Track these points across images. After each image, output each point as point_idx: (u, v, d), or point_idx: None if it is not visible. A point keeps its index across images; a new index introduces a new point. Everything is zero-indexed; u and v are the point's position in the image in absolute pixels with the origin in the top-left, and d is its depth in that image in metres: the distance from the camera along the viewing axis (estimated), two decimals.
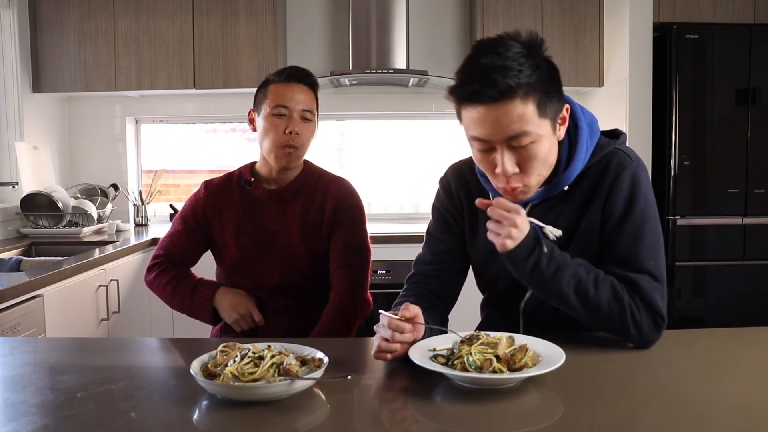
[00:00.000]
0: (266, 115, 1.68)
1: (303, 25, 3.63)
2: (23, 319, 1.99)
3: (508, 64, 1.12)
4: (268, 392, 0.98)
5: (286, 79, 1.70)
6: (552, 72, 1.19)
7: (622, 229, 1.23)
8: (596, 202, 1.26)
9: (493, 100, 1.12)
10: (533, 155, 1.17)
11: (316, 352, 1.11)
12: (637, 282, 1.21)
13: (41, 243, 3.03)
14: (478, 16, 3.34)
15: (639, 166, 1.26)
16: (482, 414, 0.94)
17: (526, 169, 1.18)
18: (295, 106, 1.67)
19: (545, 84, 1.16)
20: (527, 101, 1.13)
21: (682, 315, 3.10)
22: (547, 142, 1.18)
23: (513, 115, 1.12)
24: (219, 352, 1.07)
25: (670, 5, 3.13)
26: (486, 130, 1.15)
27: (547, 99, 1.16)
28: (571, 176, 1.25)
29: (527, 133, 1.14)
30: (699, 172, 3.07)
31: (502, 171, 1.17)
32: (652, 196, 1.27)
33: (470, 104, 1.15)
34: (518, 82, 1.11)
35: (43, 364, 1.22)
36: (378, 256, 3.20)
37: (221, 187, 1.79)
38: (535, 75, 1.13)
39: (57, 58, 3.31)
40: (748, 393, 1.01)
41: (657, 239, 1.25)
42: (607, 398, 1.01)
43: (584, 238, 1.27)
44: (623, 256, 1.23)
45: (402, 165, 3.84)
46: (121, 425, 0.92)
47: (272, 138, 1.67)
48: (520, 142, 1.14)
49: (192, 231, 1.77)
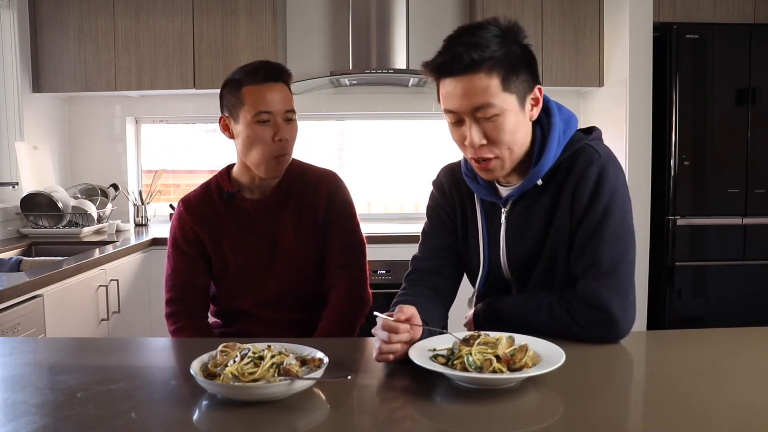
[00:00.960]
0: (248, 123, 1.57)
1: (303, 25, 3.63)
2: (23, 319, 1.99)
3: (476, 41, 1.21)
4: (268, 392, 0.98)
5: (263, 79, 1.58)
6: (525, 54, 1.26)
7: (585, 223, 1.27)
8: (565, 197, 1.29)
9: (458, 72, 1.21)
10: (499, 127, 1.23)
11: (316, 352, 1.10)
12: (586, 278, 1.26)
13: (41, 243, 3.03)
14: (478, 17, 3.34)
15: (608, 161, 1.28)
16: (482, 414, 0.94)
17: (493, 140, 1.25)
18: (278, 110, 1.58)
19: (512, 61, 1.22)
20: (491, 75, 1.20)
21: (682, 315, 3.10)
22: (513, 116, 1.24)
23: (477, 88, 1.20)
24: (219, 352, 1.07)
25: (670, 5, 3.13)
26: (454, 102, 1.23)
27: (513, 75, 1.23)
28: (543, 169, 1.29)
29: (491, 104, 1.21)
30: (699, 172, 3.07)
31: (470, 142, 1.25)
32: (621, 192, 1.28)
33: (442, 78, 1.25)
34: (482, 56, 1.19)
35: (43, 364, 1.22)
36: (378, 256, 3.21)
37: (202, 203, 1.70)
38: (500, 51, 1.21)
39: (57, 58, 3.31)
40: (748, 393, 1.01)
41: (618, 234, 1.26)
42: (607, 398, 1.01)
43: (557, 234, 1.31)
44: (582, 247, 1.28)
45: (402, 165, 3.84)
46: (121, 425, 0.92)
47: (261, 150, 1.58)
48: (485, 113, 1.22)
49: (191, 256, 1.69)
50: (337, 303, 1.65)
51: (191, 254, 1.68)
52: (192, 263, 1.69)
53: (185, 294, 1.68)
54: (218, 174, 1.73)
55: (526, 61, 1.26)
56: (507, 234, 1.37)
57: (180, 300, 1.68)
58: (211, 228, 1.67)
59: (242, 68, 1.63)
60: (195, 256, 1.69)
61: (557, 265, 1.32)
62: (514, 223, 1.36)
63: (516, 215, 1.35)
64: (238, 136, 1.61)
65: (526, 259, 1.35)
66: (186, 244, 1.68)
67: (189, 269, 1.68)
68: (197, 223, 1.67)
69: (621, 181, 1.29)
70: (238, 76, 1.60)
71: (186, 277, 1.68)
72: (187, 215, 1.68)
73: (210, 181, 1.73)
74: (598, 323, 1.24)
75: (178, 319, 1.67)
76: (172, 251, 1.70)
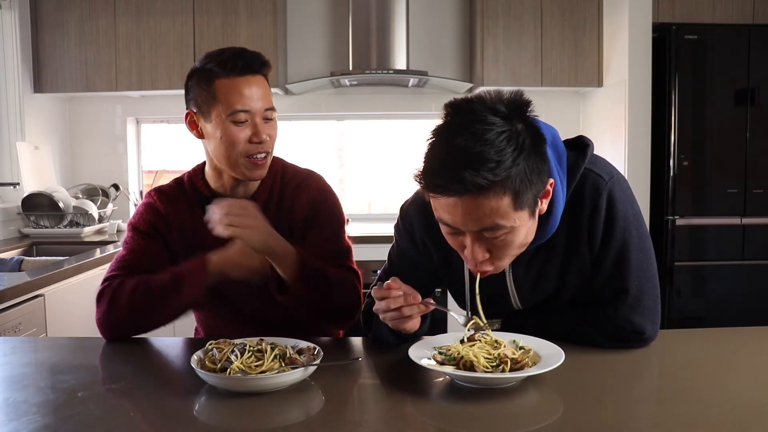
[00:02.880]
0: (221, 122, 1.36)
1: (303, 25, 3.64)
2: (24, 318, 2.00)
3: (485, 151, 0.98)
4: (284, 380, 1.01)
5: (240, 71, 1.35)
6: (535, 142, 1.04)
7: (606, 253, 1.20)
8: (581, 235, 1.21)
9: (461, 194, 1.01)
10: (506, 244, 1.08)
11: (305, 342, 1.14)
12: (614, 305, 1.21)
13: (42, 243, 3.03)
14: (478, 16, 3.35)
15: (613, 182, 1.19)
16: (482, 414, 0.95)
17: (498, 255, 1.09)
18: (257, 108, 1.37)
19: (525, 171, 1.02)
20: (502, 195, 1.01)
21: (681, 315, 3.10)
22: (523, 230, 1.08)
23: (484, 209, 1.01)
24: (214, 349, 1.08)
25: (669, 6, 3.13)
26: (455, 219, 1.05)
27: (527, 187, 1.03)
28: (552, 229, 1.18)
29: (500, 226, 1.04)
30: (698, 172, 3.08)
31: (470, 256, 1.08)
32: (633, 210, 1.22)
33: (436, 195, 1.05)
34: (493, 180, 0.98)
35: (44, 364, 1.23)
36: (378, 256, 3.20)
37: (176, 200, 1.48)
38: (515, 166, 1.00)
39: (58, 58, 3.31)
40: (747, 392, 1.01)
41: (642, 255, 1.22)
42: (607, 398, 1.02)
43: (578, 269, 1.23)
44: (606, 278, 1.22)
45: (402, 165, 3.84)
46: (121, 424, 0.93)
47: (237, 152, 1.37)
48: (493, 234, 1.05)
49: (154, 246, 1.44)
50: None
51: (155, 244, 1.44)
52: (155, 252, 1.43)
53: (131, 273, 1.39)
54: (192, 173, 1.51)
55: (536, 152, 1.04)
56: (516, 280, 1.26)
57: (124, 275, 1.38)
58: (183, 229, 1.46)
59: (213, 55, 1.39)
60: (159, 249, 1.44)
61: (577, 296, 1.26)
62: (525, 269, 1.24)
63: (527, 263, 1.23)
64: (209, 136, 1.40)
65: (542, 298, 1.27)
66: (155, 231, 1.45)
67: (151, 256, 1.42)
68: (171, 217, 1.46)
69: (629, 197, 1.22)
70: (209, 66, 1.37)
71: (145, 261, 1.40)
72: (162, 205, 1.46)
73: (183, 180, 1.51)
74: (629, 341, 1.23)
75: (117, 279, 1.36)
76: (134, 235, 1.45)
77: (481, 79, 3.34)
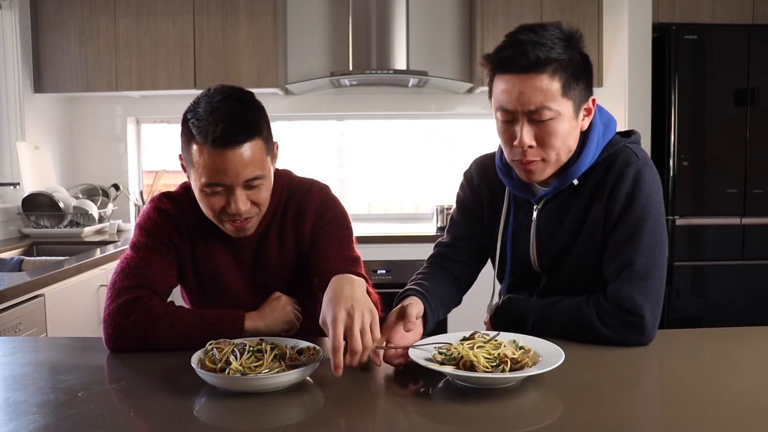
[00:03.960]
0: (197, 186, 1.27)
1: (303, 25, 3.64)
2: (24, 318, 2.00)
3: (542, 40, 1.19)
4: (284, 380, 1.01)
5: (218, 144, 1.20)
6: (585, 63, 1.25)
7: (621, 225, 1.26)
8: (601, 197, 1.29)
9: (522, 69, 1.19)
10: (552, 131, 1.22)
11: (305, 342, 1.14)
12: (618, 281, 1.25)
13: (42, 243, 3.03)
14: (478, 16, 3.35)
15: (645, 165, 1.28)
16: (482, 414, 0.95)
17: (544, 143, 1.23)
18: (235, 182, 1.24)
19: (574, 68, 1.22)
20: (554, 78, 1.19)
21: (681, 315, 3.11)
22: (567, 122, 1.23)
23: (538, 88, 1.19)
24: (214, 349, 1.08)
25: (669, 6, 3.13)
26: (511, 100, 1.21)
27: (574, 82, 1.22)
28: (579, 170, 1.29)
29: (549, 108, 1.19)
30: (698, 172, 3.08)
31: (519, 142, 1.22)
32: (658, 197, 1.28)
33: (501, 74, 1.22)
34: (548, 56, 1.18)
35: (44, 364, 1.23)
36: (378, 256, 3.21)
37: (185, 208, 1.41)
38: (565, 55, 1.20)
39: (58, 58, 3.31)
40: (747, 392, 1.01)
41: (655, 238, 1.26)
42: (607, 398, 1.02)
43: (591, 231, 1.30)
44: (616, 249, 1.27)
45: (402, 165, 3.84)
46: (121, 424, 0.93)
47: (214, 217, 1.30)
48: (541, 116, 1.20)
49: (168, 258, 1.38)
50: None
51: (168, 251, 1.38)
52: (169, 262, 1.38)
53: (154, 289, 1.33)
54: None
55: (585, 70, 1.25)
56: (538, 230, 1.36)
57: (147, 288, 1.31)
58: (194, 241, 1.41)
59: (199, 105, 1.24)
60: (172, 257, 1.39)
61: (585, 263, 1.32)
62: (546, 220, 1.35)
63: (548, 212, 1.35)
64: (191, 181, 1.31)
65: (556, 255, 1.35)
66: (168, 240, 1.39)
67: (165, 268, 1.36)
68: (183, 227, 1.40)
69: (657, 185, 1.29)
70: (191, 123, 1.24)
71: (160, 272, 1.34)
72: (175, 211, 1.41)
73: (189, 189, 1.40)
74: (628, 326, 1.23)
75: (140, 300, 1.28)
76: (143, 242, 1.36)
77: (481, 79, 3.34)
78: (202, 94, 1.28)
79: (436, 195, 3.73)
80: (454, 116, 3.77)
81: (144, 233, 1.38)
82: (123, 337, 1.25)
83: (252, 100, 1.30)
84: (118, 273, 1.33)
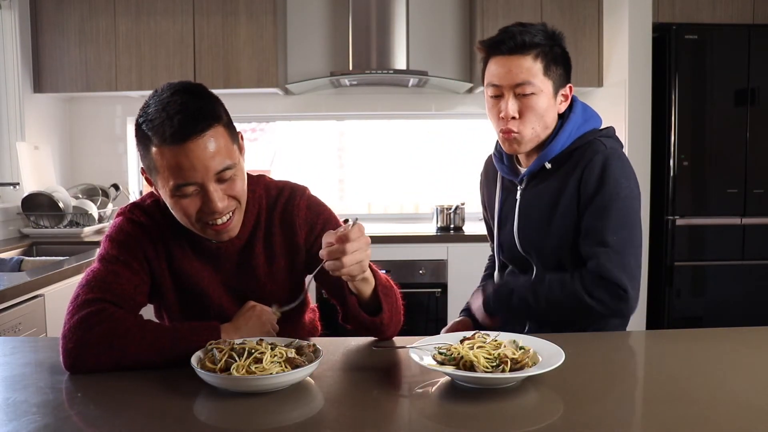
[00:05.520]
0: (167, 194, 1.19)
1: (303, 25, 3.64)
2: (24, 318, 2.00)
3: (528, 29, 1.42)
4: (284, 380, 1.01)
5: (178, 138, 1.12)
6: (564, 55, 1.47)
7: (592, 207, 1.39)
8: (573, 182, 1.43)
9: (510, 51, 1.41)
10: (532, 105, 1.42)
11: (304, 341, 1.14)
12: (596, 257, 1.36)
13: (42, 243, 3.03)
14: (478, 16, 3.35)
15: (612, 154, 1.42)
16: (482, 414, 0.95)
17: (524, 116, 1.43)
18: (205, 177, 1.16)
19: (554, 55, 1.44)
20: (536, 60, 1.41)
21: (681, 315, 3.11)
22: (545, 99, 1.43)
23: (523, 67, 1.41)
24: (214, 349, 1.08)
25: (669, 6, 3.13)
26: (500, 76, 1.43)
27: (554, 66, 1.44)
28: (551, 152, 1.46)
29: (531, 83, 1.41)
30: (698, 172, 3.08)
31: (505, 113, 1.43)
32: (627, 182, 1.40)
33: (493, 56, 1.45)
34: (532, 41, 1.41)
35: (44, 364, 1.22)
36: (378, 256, 3.19)
37: (160, 221, 1.31)
38: (547, 44, 1.42)
39: (58, 58, 3.31)
40: (747, 392, 1.01)
41: (624, 219, 1.38)
42: (607, 398, 1.02)
43: (563, 214, 1.43)
44: (589, 229, 1.39)
45: (402, 165, 3.84)
46: (121, 424, 0.93)
47: (190, 221, 1.21)
48: (523, 89, 1.41)
49: (141, 275, 1.28)
50: None
51: (141, 268, 1.28)
52: (140, 279, 1.28)
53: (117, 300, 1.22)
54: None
55: (564, 60, 1.47)
56: (519, 211, 1.52)
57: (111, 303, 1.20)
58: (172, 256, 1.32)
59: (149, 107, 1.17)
60: (144, 274, 1.29)
61: (564, 247, 1.44)
62: (527, 201, 1.50)
63: (528, 194, 1.51)
64: (163, 200, 1.24)
65: (533, 237, 1.48)
66: (141, 256, 1.29)
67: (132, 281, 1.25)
68: (156, 239, 1.31)
69: (626, 172, 1.43)
70: (144, 127, 1.15)
71: (128, 288, 1.24)
72: (150, 223, 1.31)
73: (159, 202, 1.32)
74: (609, 294, 1.34)
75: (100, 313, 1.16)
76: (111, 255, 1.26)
77: (481, 79, 3.32)
78: (150, 96, 1.20)
79: (436, 195, 3.72)
80: (454, 116, 3.77)
81: (114, 245, 1.28)
82: (85, 354, 1.12)
83: (204, 91, 1.23)
84: (82, 286, 1.22)
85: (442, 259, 3.08)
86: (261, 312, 1.27)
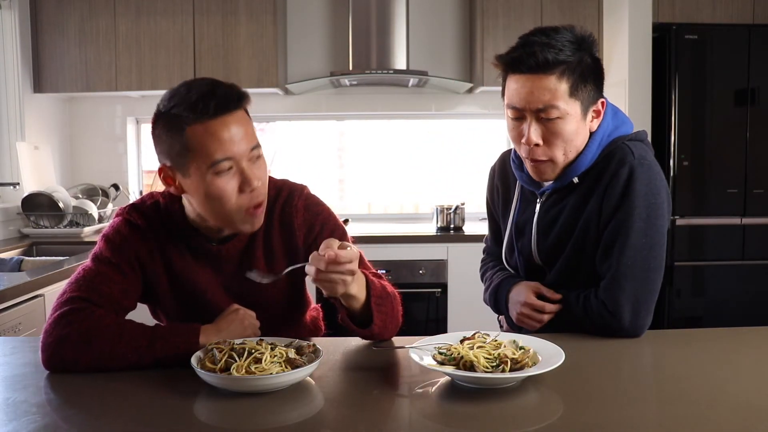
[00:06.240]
0: (202, 177, 1.17)
1: (303, 25, 3.64)
2: (24, 318, 2.00)
3: (552, 42, 1.24)
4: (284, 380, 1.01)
5: (214, 112, 1.15)
6: (595, 66, 1.30)
7: (612, 224, 1.30)
8: (596, 196, 1.32)
9: (531, 70, 1.24)
10: (558, 131, 1.27)
11: (304, 341, 1.14)
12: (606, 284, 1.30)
13: (42, 243, 3.03)
14: (478, 16, 3.35)
15: (641, 164, 1.29)
16: (482, 414, 0.95)
17: (550, 142, 1.28)
18: (242, 152, 1.18)
19: (583, 70, 1.26)
20: (562, 79, 1.24)
21: (681, 315, 3.11)
22: (574, 122, 1.27)
23: (546, 88, 1.24)
24: (214, 349, 1.08)
25: (669, 6, 3.13)
26: (520, 98, 1.26)
27: (582, 84, 1.26)
28: (579, 168, 1.32)
29: (556, 107, 1.24)
30: (698, 172, 3.08)
31: (527, 139, 1.28)
32: (653, 198, 1.28)
33: (513, 73, 1.28)
34: (556, 58, 1.23)
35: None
36: (378, 256, 3.21)
37: (158, 223, 1.31)
38: (574, 57, 1.25)
39: (58, 58, 3.31)
40: (747, 392, 1.01)
41: (642, 239, 1.28)
42: (607, 398, 1.02)
43: (586, 227, 1.33)
44: (605, 251, 1.31)
45: (402, 165, 3.84)
46: (121, 424, 0.93)
47: (229, 206, 1.20)
48: (548, 114, 1.25)
49: (128, 276, 1.27)
50: None
51: (133, 272, 1.29)
52: (128, 284, 1.27)
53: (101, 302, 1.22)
54: (168, 201, 1.32)
55: (595, 72, 1.30)
56: (538, 224, 1.42)
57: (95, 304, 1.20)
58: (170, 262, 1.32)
59: (179, 94, 1.18)
60: (137, 279, 1.30)
61: (582, 260, 1.36)
62: (547, 214, 1.40)
63: (549, 207, 1.40)
64: (192, 192, 1.22)
65: (552, 249, 1.39)
66: (136, 261, 1.29)
67: (122, 286, 1.26)
68: (151, 242, 1.30)
69: (654, 184, 1.29)
70: (176, 110, 1.16)
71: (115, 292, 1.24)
72: (146, 225, 1.31)
73: (159, 204, 1.33)
74: (606, 326, 1.29)
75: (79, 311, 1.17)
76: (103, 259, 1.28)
77: (481, 79, 3.34)
78: (167, 91, 1.22)
79: (436, 195, 3.72)
80: (454, 116, 3.77)
81: (109, 246, 1.29)
82: (63, 349, 1.12)
83: None
84: (71, 283, 1.23)
85: (442, 259, 3.08)
86: (244, 315, 1.26)
